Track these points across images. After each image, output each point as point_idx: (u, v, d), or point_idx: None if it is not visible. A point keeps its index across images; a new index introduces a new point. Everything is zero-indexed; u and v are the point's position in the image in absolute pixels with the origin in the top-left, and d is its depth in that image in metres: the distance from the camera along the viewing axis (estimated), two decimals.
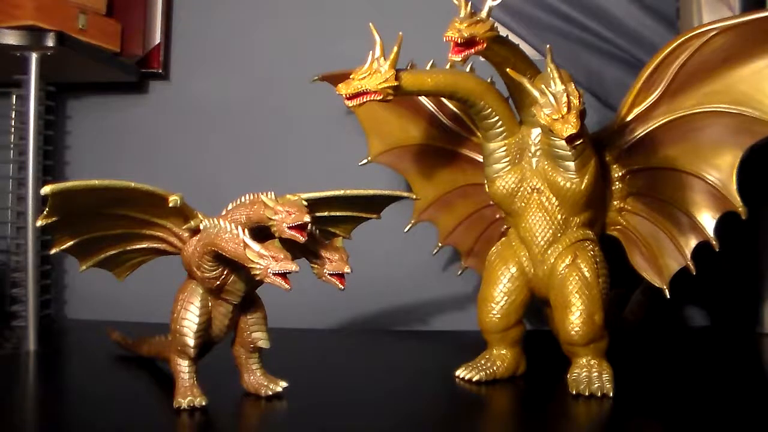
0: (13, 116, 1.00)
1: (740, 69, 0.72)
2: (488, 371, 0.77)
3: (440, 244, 0.95)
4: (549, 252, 0.76)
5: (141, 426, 0.61)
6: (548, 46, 0.69)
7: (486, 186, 0.78)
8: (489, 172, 0.77)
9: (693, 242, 0.77)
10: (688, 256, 0.77)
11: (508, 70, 0.69)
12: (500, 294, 0.78)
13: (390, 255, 1.04)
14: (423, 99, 0.88)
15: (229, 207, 0.63)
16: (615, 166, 0.79)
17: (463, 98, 0.72)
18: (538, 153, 0.74)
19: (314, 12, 1.08)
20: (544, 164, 0.74)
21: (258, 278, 0.57)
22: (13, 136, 1.00)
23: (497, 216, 0.90)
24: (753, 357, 0.91)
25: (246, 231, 0.58)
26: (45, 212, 0.58)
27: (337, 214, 0.69)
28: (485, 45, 0.66)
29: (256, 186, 0.63)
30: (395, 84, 0.66)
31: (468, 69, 0.78)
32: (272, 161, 1.07)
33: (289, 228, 0.58)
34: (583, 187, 0.73)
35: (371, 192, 0.69)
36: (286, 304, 0.68)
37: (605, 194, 0.79)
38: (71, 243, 0.62)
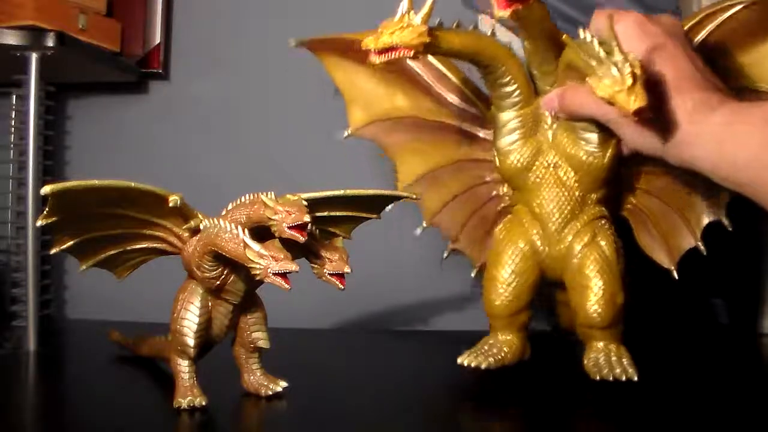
0: (13, 116, 1.00)
1: (765, 45, 0.70)
2: (496, 358, 0.73)
3: (424, 225, 0.87)
4: (566, 230, 0.73)
5: (141, 426, 0.61)
6: (608, 14, 0.62)
7: (496, 160, 0.75)
8: (501, 145, 0.73)
9: (704, 221, 0.75)
10: (699, 235, 0.75)
11: (564, 37, 0.64)
12: (511, 274, 0.74)
13: (390, 255, 1.04)
14: (416, 67, 0.82)
15: (230, 207, 0.63)
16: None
17: (486, 62, 0.69)
18: (555, 125, 0.71)
19: (314, 12, 1.08)
20: (562, 137, 0.71)
21: (258, 278, 0.57)
22: (13, 136, 1.00)
23: (493, 194, 0.84)
24: (754, 357, 0.91)
25: (246, 231, 0.58)
26: (45, 212, 0.58)
27: (337, 214, 0.69)
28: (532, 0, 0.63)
29: (256, 186, 0.63)
30: (427, 40, 0.63)
31: (490, 33, 0.74)
32: (272, 161, 1.07)
33: (289, 228, 0.58)
34: (605, 161, 0.70)
35: (371, 192, 0.69)
36: (287, 304, 0.68)
37: (620, 172, 0.75)
38: (71, 243, 0.62)
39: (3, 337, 0.88)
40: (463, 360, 0.74)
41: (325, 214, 0.68)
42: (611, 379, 0.68)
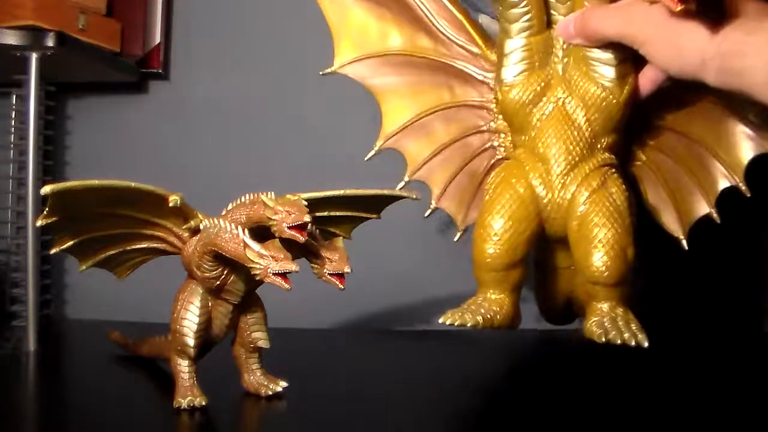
0: (13, 116, 1.00)
1: None
2: (485, 316, 0.66)
3: (407, 179, 0.80)
4: (572, 174, 0.66)
5: (141, 426, 0.61)
6: None
7: (498, 93, 0.69)
8: (504, 76, 0.67)
9: (720, 186, 0.70)
10: (713, 201, 0.70)
11: None
12: (507, 221, 0.66)
13: (391, 254, 1.04)
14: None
15: (230, 207, 0.63)
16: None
17: None
18: (566, 59, 0.66)
19: (314, 12, 1.08)
20: (574, 71, 0.66)
21: (258, 278, 0.57)
22: (13, 136, 1.00)
23: (486, 145, 0.77)
24: (759, 357, 0.90)
25: (246, 231, 0.58)
26: (44, 212, 0.58)
27: (338, 214, 0.69)
28: None
29: (256, 186, 0.63)
30: None
31: None
32: (272, 161, 1.07)
33: (289, 228, 0.58)
34: (622, 98, 0.64)
35: (371, 192, 0.69)
36: (287, 304, 0.68)
37: (632, 121, 0.69)
38: (71, 243, 0.62)
39: (3, 337, 0.88)
40: (446, 319, 0.67)
41: (326, 214, 0.68)
42: (618, 343, 0.61)
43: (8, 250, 0.99)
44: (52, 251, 0.62)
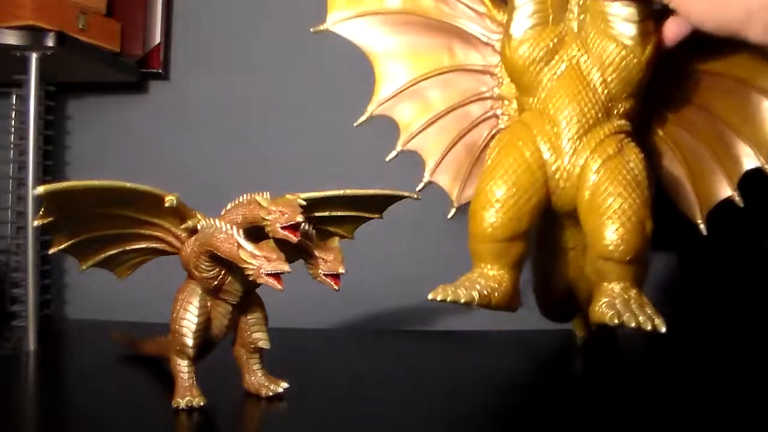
0: (13, 116, 1.00)
1: None
2: (481, 293, 0.60)
3: (399, 149, 0.75)
4: (585, 140, 0.60)
5: (140, 426, 0.61)
6: None
7: (505, 48, 0.63)
8: (514, 30, 0.62)
9: (743, 168, 0.64)
10: (735, 183, 0.65)
11: None
12: (511, 188, 0.60)
13: (392, 254, 1.03)
14: None
15: (228, 207, 0.63)
16: (667, 61, 0.63)
17: None
18: (582, 15, 0.61)
19: (314, 12, 1.08)
20: (591, 28, 0.61)
21: (251, 278, 0.57)
22: (13, 136, 1.00)
23: (487, 114, 0.72)
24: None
25: (240, 231, 0.58)
26: (41, 212, 0.58)
27: (338, 214, 0.69)
28: None
29: (255, 186, 0.63)
30: None
31: None
32: (272, 161, 1.07)
33: (282, 228, 0.58)
34: (643, 58, 0.59)
35: (371, 192, 0.69)
36: (287, 304, 0.68)
37: (650, 92, 0.64)
38: (70, 243, 0.62)
39: (3, 337, 0.88)
40: (436, 294, 0.62)
41: (326, 214, 0.68)
42: (632, 326, 0.55)
43: (8, 250, 0.99)
44: (51, 251, 0.62)
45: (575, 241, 0.67)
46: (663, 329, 0.56)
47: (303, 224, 0.59)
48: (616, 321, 0.57)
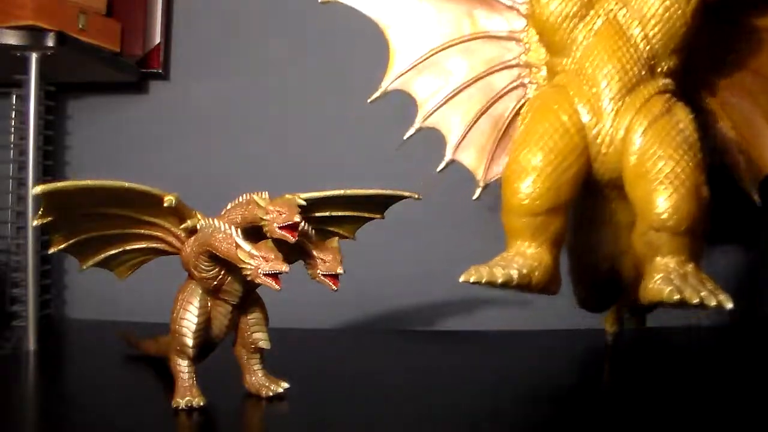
0: (13, 116, 1.00)
1: None
2: (520, 271, 0.54)
3: (418, 125, 0.70)
4: (628, 100, 0.55)
5: (140, 426, 0.61)
6: None
7: (534, 6, 0.59)
8: None
9: None
10: None
11: None
12: (548, 155, 0.54)
13: (392, 254, 1.03)
14: None
15: (228, 207, 0.63)
16: (715, 17, 0.58)
17: None
18: None
19: (314, 12, 1.08)
20: None
21: (249, 278, 0.57)
22: (13, 136, 1.00)
23: (514, 83, 0.66)
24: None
25: (239, 231, 0.58)
26: (40, 212, 0.58)
27: (339, 214, 0.69)
28: None
29: (255, 186, 0.63)
30: None
31: None
32: (272, 161, 1.07)
33: (280, 228, 0.58)
34: (689, 9, 0.55)
35: (372, 191, 0.69)
36: (288, 304, 0.68)
37: (696, 52, 0.58)
38: (69, 243, 0.62)
39: (3, 337, 0.88)
40: (469, 276, 0.56)
41: (327, 214, 0.68)
42: (695, 302, 0.49)
43: (8, 250, 0.99)
44: (50, 251, 0.62)
45: (619, 214, 0.61)
46: (729, 305, 0.51)
47: (301, 224, 0.59)
48: (676, 297, 0.51)
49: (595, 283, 0.69)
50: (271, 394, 0.67)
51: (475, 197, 0.71)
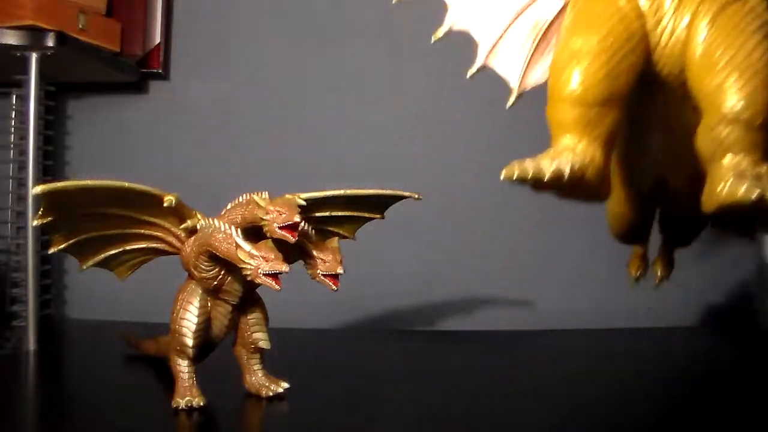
0: (13, 116, 1.00)
1: None
2: (572, 166, 0.46)
3: (447, 28, 0.62)
4: None
5: (140, 426, 0.61)
6: None
7: None
8: None
9: None
10: None
11: None
12: (605, 39, 0.48)
13: (393, 254, 1.03)
14: None
15: (228, 207, 0.63)
16: None
17: None
18: None
19: (314, 12, 1.08)
20: None
21: (249, 278, 0.57)
22: (13, 136, 1.00)
23: None
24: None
25: (239, 231, 0.58)
26: (39, 212, 0.58)
27: (339, 214, 0.69)
28: None
29: (256, 186, 0.63)
30: None
31: None
32: (272, 161, 1.07)
33: (280, 228, 0.58)
34: None
35: (372, 192, 0.69)
36: (288, 304, 0.68)
37: None
38: (69, 243, 0.62)
39: (3, 337, 0.88)
40: (511, 172, 0.46)
41: (327, 214, 0.68)
42: None
43: (8, 250, 0.99)
44: (50, 251, 0.62)
45: (673, 118, 0.55)
46: None
47: (301, 224, 0.59)
48: (756, 194, 0.44)
49: (638, 195, 0.61)
50: (271, 394, 0.67)
51: (509, 105, 0.64)
